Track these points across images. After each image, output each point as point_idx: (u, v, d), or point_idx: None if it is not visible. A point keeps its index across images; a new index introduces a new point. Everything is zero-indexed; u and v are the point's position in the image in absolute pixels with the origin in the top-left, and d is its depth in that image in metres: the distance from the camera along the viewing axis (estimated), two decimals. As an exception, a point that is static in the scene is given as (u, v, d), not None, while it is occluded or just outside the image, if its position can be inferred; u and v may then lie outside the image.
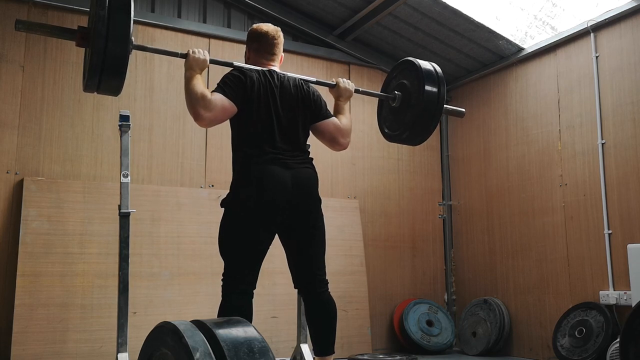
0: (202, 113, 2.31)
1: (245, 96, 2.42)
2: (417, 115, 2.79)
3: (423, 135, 2.91)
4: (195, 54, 2.44)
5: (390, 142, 3.09)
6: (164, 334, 1.59)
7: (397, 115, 2.95)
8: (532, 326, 4.74)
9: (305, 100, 2.57)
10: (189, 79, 2.39)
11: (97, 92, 2.31)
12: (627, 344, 3.10)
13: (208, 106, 2.32)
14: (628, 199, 4.10)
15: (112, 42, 2.14)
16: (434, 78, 2.80)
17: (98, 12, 2.15)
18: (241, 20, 4.96)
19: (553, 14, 4.64)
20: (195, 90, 2.33)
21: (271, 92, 2.48)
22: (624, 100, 4.19)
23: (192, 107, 2.33)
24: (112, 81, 2.25)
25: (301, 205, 2.46)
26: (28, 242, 3.80)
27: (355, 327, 4.75)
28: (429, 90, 2.76)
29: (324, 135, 2.65)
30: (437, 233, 5.63)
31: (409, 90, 2.86)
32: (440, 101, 2.80)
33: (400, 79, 2.94)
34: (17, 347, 3.59)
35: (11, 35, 4.09)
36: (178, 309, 4.08)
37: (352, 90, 2.80)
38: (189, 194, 4.43)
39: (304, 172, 2.51)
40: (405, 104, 2.88)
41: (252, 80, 2.45)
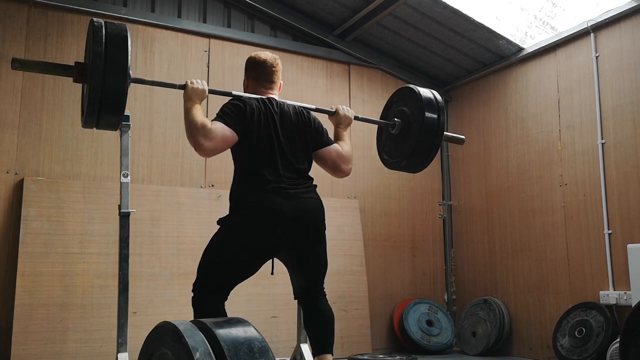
0: (202, 142, 2.28)
1: (245, 125, 2.39)
2: (417, 144, 2.77)
3: (422, 163, 2.89)
4: (194, 84, 2.42)
5: (390, 169, 3.06)
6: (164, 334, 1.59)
7: (396, 143, 2.93)
8: (532, 326, 4.74)
9: (306, 127, 2.55)
10: (188, 109, 2.37)
11: (96, 128, 2.30)
12: (627, 343, 3.10)
13: (209, 135, 2.29)
14: (628, 199, 4.10)
15: (110, 78, 2.13)
16: (434, 106, 2.77)
17: (95, 48, 2.13)
18: (241, 20, 4.96)
19: (553, 14, 4.64)
20: (196, 120, 2.31)
21: (272, 120, 2.46)
22: (623, 100, 4.19)
23: (192, 137, 2.30)
24: (111, 117, 2.24)
25: (302, 238, 2.43)
26: (28, 242, 3.80)
27: (355, 327, 4.75)
28: (428, 119, 2.74)
29: (325, 162, 2.63)
30: (437, 233, 5.63)
31: (408, 117, 2.84)
32: (440, 130, 2.78)
33: (400, 105, 2.92)
34: (17, 346, 3.59)
35: (11, 35, 4.09)
36: (178, 308, 4.08)
37: (351, 118, 2.79)
38: (189, 194, 4.43)
39: (308, 202, 2.46)
40: (405, 131, 2.86)
41: (252, 109, 2.42)
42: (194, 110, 2.36)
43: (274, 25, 5.08)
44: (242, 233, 2.36)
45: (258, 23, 5.02)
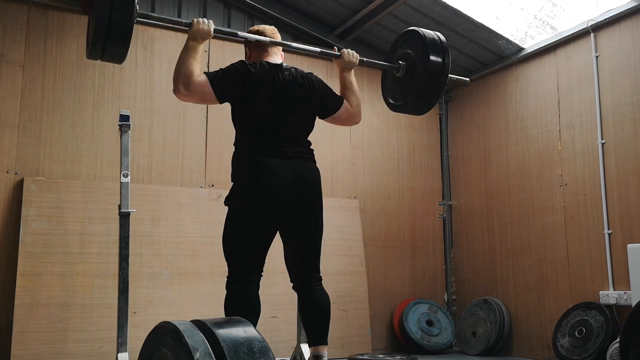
0: (180, 89, 2.36)
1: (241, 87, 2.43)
2: (422, 85, 2.78)
3: (427, 105, 2.90)
4: (199, 24, 2.44)
5: (395, 112, 3.07)
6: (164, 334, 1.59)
7: (401, 86, 2.93)
8: (532, 326, 4.74)
9: (311, 96, 2.57)
10: (187, 48, 2.42)
11: (101, 60, 2.33)
12: (627, 343, 3.10)
13: (188, 86, 2.36)
14: (628, 198, 4.10)
15: (117, 9, 2.16)
16: (439, 48, 2.77)
17: None
18: (241, 20, 4.96)
19: (553, 14, 4.64)
20: (186, 65, 2.37)
21: (274, 86, 2.48)
22: (623, 100, 4.19)
23: (175, 78, 2.38)
24: (116, 49, 2.27)
25: (304, 198, 2.48)
26: (28, 242, 3.80)
27: (355, 327, 4.75)
28: (433, 60, 2.74)
29: (337, 122, 2.73)
30: (437, 233, 5.63)
31: (413, 60, 2.83)
32: (444, 71, 2.77)
33: (405, 48, 2.91)
34: (17, 346, 3.59)
35: (11, 35, 4.09)
36: (178, 308, 4.08)
37: (356, 61, 2.78)
38: (189, 194, 4.43)
39: (307, 165, 2.53)
40: (410, 74, 2.85)
41: (254, 74, 2.45)
42: (191, 52, 2.40)
43: (274, 25, 5.05)
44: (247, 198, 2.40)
45: (258, 23, 5.01)
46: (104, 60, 2.34)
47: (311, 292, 2.55)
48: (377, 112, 5.43)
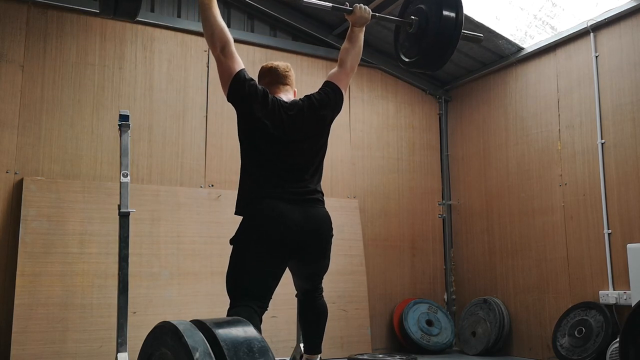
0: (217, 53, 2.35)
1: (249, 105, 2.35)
2: (435, 40, 2.76)
3: (440, 60, 2.88)
4: None
5: (409, 69, 3.03)
6: (163, 334, 1.59)
7: (414, 41, 2.90)
8: (531, 326, 4.74)
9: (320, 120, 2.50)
10: (207, 6, 2.36)
11: (114, 16, 2.29)
12: (626, 343, 3.10)
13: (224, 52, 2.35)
14: (628, 198, 4.10)
15: None
16: (452, 2, 2.75)
17: None
18: (241, 19, 4.96)
19: (553, 14, 4.63)
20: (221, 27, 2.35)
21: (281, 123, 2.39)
22: (623, 100, 4.19)
23: (212, 44, 2.35)
24: (129, 3, 2.23)
25: (312, 245, 2.42)
26: (28, 241, 3.80)
27: (354, 326, 4.75)
28: (446, 15, 2.72)
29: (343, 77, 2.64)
30: (436, 233, 5.63)
31: (426, 15, 2.81)
32: (458, 26, 2.74)
33: (418, 3, 2.89)
34: (17, 346, 3.59)
35: (11, 35, 4.09)
36: (178, 308, 4.08)
37: (368, 17, 2.73)
38: (189, 194, 4.43)
39: (316, 212, 2.43)
40: (423, 29, 2.83)
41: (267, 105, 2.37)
42: (214, 10, 2.36)
43: (274, 25, 5.08)
44: (255, 237, 2.32)
45: (258, 23, 5.02)
46: (116, 17, 2.29)
47: (313, 303, 2.63)
48: (377, 112, 5.43)
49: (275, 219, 2.30)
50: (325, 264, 2.55)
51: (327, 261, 2.55)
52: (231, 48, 2.37)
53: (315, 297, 2.62)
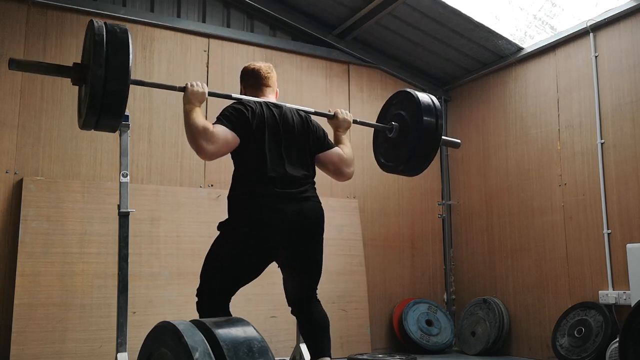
0: (204, 146, 2.25)
1: (247, 128, 2.37)
2: (414, 150, 2.78)
3: (420, 167, 2.89)
4: (193, 87, 2.39)
5: (386, 172, 3.04)
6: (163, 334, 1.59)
7: (393, 146, 2.92)
8: (531, 326, 4.74)
9: (307, 131, 2.54)
10: (188, 112, 2.34)
11: (95, 130, 2.27)
12: (626, 343, 3.10)
13: (211, 139, 2.26)
14: (627, 198, 4.10)
15: (111, 83, 2.08)
16: (432, 111, 2.77)
17: (95, 51, 2.07)
18: (241, 19, 4.96)
19: (552, 14, 4.64)
20: (197, 123, 2.28)
21: (274, 124, 2.44)
22: (623, 100, 4.19)
23: (194, 141, 2.27)
24: (111, 121, 2.20)
25: (301, 242, 2.43)
26: (27, 241, 3.80)
27: (354, 326, 4.75)
28: (427, 123, 2.73)
29: (327, 166, 2.62)
30: (436, 233, 5.63)
31: (406, 122, 2.83)
32: (437, 135, 2.77)
33: (398, 109, 2.91)
34: (17, 346, 3.59)
35: (11, 35, 4.08)
36: (177, 308, 4.07)
37: (350, 121, 2.78)
38: (189, 194, 4.43)
39: (309, 206, 2.45)
40: (402, 136, 2.85)
41: (254, 112, 2.41)
42: (194, 114, 2.33)
43: (274, 24, 5.08)
44: (243, 236, 2.35)
45: (257, 23, 5.02)
46: (97, 130, 2.26)
47: (310, 312, 2.54)
48: (377, 113, 5.41)
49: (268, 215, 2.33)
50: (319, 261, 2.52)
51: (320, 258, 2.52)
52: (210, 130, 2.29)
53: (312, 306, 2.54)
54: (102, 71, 2.06)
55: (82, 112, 2.24)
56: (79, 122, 2.30)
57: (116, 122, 2.22)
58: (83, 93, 2.30)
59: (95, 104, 2.10)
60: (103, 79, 2.07)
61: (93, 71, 2.07)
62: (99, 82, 2.07)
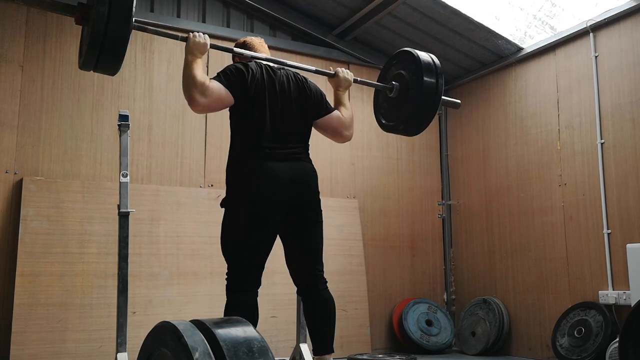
0: (197, 98, 2.29)
1: (245, 89, 2.41)
2: (415, 107, 2.78)
3: (420, 126, 2.90)
4: (195, 37, 2.42)
5: (387, 132, 3.06)
6: (163, 334, 1.59)
7: (393, 106, 2.93)
8: (531, 326, 4.74)
9: (305, 96, 2.57)
10: (189, 62, 2.37)
11: (94, 71, 2.28)
12: (626, 343, 3.10)
13: (205, 92, 2.30)
14: (627, 198, 4.10)
15: (113, 23, 2.09)
16: (433, 70, 2.78)
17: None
18: (240, 19, 4.96)
19: (552, 14, 4.64)
20: (194, 74, 2.32)
21: (272, 87, 2.48)
22: (623, 100, 4.19)
23: (188, 91, 2.31)
24: (110, 61, 2.21)
25: (299, 200, 2.46)
26: (27, 241, 3.80)
27: (354, 326, 4.75)
28: (427, 83, 2.74)
29: (326, 130, 2.65)
30: (436, 233, 5.63)
31: (406, 81, 2.84)
32: (438, 94, 2.78)
33: (398, 69, 2.91)
34: (16, 346, 3.59)
35: (11, 35, 4.09)
36: (177, 308, 4.08)
37: (351, 80, 2.80)
38: (189, 194, 4.43)
39: (302, 165, 2.50)
40: (403, 95, 2.86)
41: (254, 76, 2.44)
42: (194, 65, 2.35)
43: (274, 25, 5.08)
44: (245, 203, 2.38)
45: (257, 23, 5.02)
46: (97, 71, 2.28)
47: (317, 294, 2.51)
48: (377, 112, 5.42)
49: (265, 175, 2.37)
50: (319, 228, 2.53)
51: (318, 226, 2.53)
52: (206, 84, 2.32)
53: (320, 289, 2.51)
54: (105, 9, 2.07)
55: (83, 51, 2.25)
56: (79, 62, 2.32)
57: (116, 64, 2.23)
58: (85, 33, 2.30)
59: (96, 43, 2.11)
60: (106, 17, 2.08)
61: (96, 9, 2.08)
62: (102, 21, 2.08)
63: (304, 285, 2.55)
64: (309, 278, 2.53)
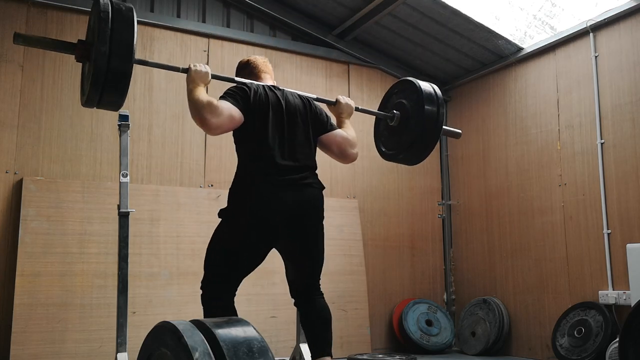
0: (209, 118, 2.24)
1: (250, 109, 2.37)
2: (416, 136, 2.77)
3: (420, 156, 2.90)
4: (197, 67, 2.39)
5: (387, 160, 3.04)
6: (163, 334, 1.59)
7: (394, 135, 2.92)
8: (531, 326, 4.74)
9: (310, 114, 2.54)
10: (192, 90, 2.34)
11: (97, 107, 2.25)
12: (626, 343, 3.10)
13: (215, 112, 2.25)
14: (627, 198, 4.10)
15: (115, 60, 2.06)
16: (434, 99, 2.78)
17: (100, 27, 2.05)
18: (240, 19, 4.96)
19: (552, 14, 4.64)
20: (201, 98, 2.28)
21: (277, 106, 2.44)
22: (623, 100, 4.19)
23: (198, 114, 2.26)
24: (114, 98, 2.18)
25: (302, 228, 2.43)
26: (27, 241, 3.80)
27: (354, 326, 4.75)
28: (428, 112, 2.73)
29: (331, 148, 2.61)
30: (436, 233, 5.63)
31: (407, 110, 2.83)
32: (439, 124, 2.77)
33: (400, 97, 2.91)
34: (16, 346, 3.59)
35: (10, 35, 4.08)
36: (177, 308, 4.08)
37: (353, 107, 2.77)
38: (188, 194, 4.43)
39: (308, 193, 2.44)
40: (404, 124, 2.85)
41: (257, 93, 2.41)
42: (198, 90, 2.33)
43: (273, 25, 5.08)
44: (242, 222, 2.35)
45: (257, 23, 5.02)
46: (100, 108, 2.25)
47: (313, 304, 2.51)
48: (377, 112, 5.42)
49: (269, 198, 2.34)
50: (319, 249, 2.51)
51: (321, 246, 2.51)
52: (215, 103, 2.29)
53: (316, 299, 2.52)
54: (106, 48, 2.05)
55: (86, 89, 2.23)
56: (82, 100, 2.29)
57: (119, 100, 2.21)
58: (87, 70, 2.28)
59: (98, 80, 2.08)
60: (107, 55, 2.06)
61: (97, 47, 2.05)
62: (103, 59, 2.06)
63: (300, 297, 2.56)
64: (303, 291, 2.54)
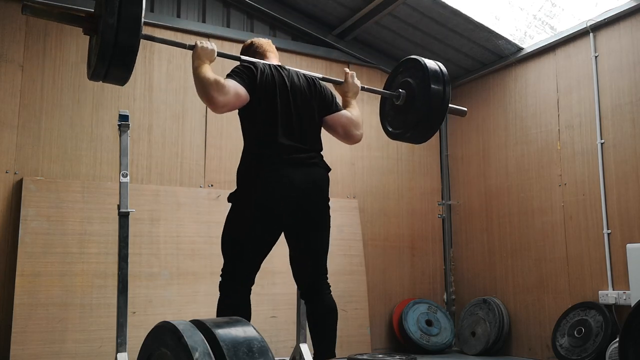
0: (216, 96, 2.25)
1: (256, 85, 2.39)
2: (422, 115, 2.78)
3: (426, 135, 2.90)
4: (203, 44, 2.42)
5: (393, 139, 3.05)
6: (163, 334, 1.59)
7: (400, 114, 2.92)
8: (531, 326, 4.74)
9: (316, 94, 2.56)
10: (198, 67, 2.35)
11: (103, 81, 2.26)
12: (626, 343, 3.10)
13: (222, 90, 2.26)
14: (627, 198, 4.10)
15: (122, 33, 2.07)
16: (440, 78, 2.77)
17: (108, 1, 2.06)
18: (240, 19, 4.96)
19: (552, 14, 4.64)
20: (207, 76, 2.29)
21: (283, 87, 2.45)
22: (623, 100, 4.19)
23: (204, 92, 2.27)
24: (120, 72, 2.19)
25: (309, 207, 2.44)
26: (27, 241, 3.80)
27: (354, 326, 4.75)
28: (434, 90, 2.73)
29: (336, 129, 2.61)
30: (436, 233, 5.63)
31: (413, 89, 2.83)
32: (445, 102, 2.77)
33: (405, 76, 2.90)
34: (16, 346, 3.59)
35: (11, 34, 4.08)
36: (177, 308, 4.08)
37: (359, 86, 2.78)
38: (188, 194, 4.43)
39: (314, 172, 2.47)
40: (410, 103, 2.85)
41: (263, 72, 2.43)
42: (204, 68, 2.34)
43: (273, 25, 5.08)
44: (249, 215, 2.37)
45: (257, 23, 5.02)
46: (106, 82, 2.25)
47: (322, 302, 2.49)
48: (377, 112, 5.40)
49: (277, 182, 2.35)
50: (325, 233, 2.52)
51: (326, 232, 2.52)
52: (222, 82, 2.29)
53: (323, 294, 2.49)
54: (114, 20, 2.05)
55: (92, 62, 2.23)
56: (88, 73, 2.29)
57: (125, 74, 2.22)
58: (94, 43, 2.28)
59: (105, 54, 2.08)
60: (115, 28, 2.05)
61: (105, 19, 2.05)
62: (111, 32, 2.05)
63: (307, 286, 2.52)
64: (312, 279, 2.50)
